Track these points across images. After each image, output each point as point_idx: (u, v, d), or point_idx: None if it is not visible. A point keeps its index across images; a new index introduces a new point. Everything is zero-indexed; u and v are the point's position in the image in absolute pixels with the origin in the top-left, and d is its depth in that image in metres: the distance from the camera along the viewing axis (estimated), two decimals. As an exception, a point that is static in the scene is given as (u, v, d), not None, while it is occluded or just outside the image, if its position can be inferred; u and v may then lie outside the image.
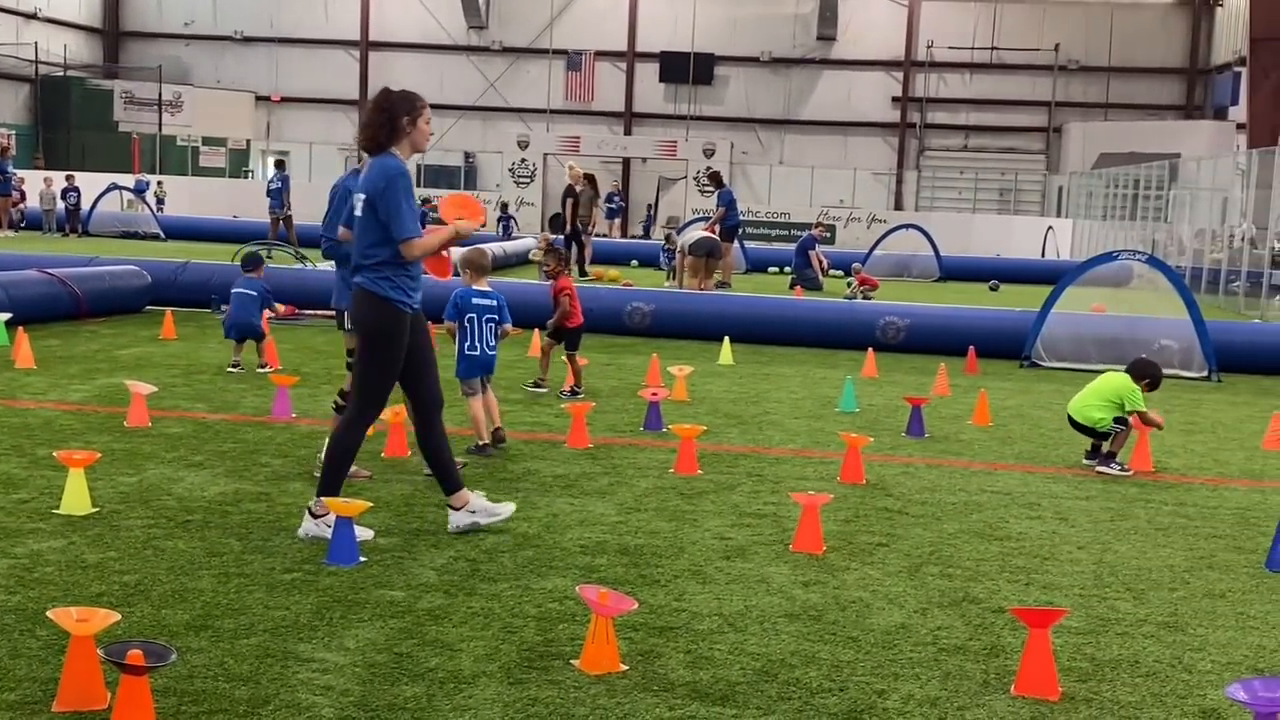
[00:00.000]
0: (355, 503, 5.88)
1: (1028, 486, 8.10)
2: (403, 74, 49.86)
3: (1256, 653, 5.18)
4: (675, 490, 7.50)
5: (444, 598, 5.33)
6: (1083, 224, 38.16)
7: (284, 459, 7.83)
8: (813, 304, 17.11)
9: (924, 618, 5.40)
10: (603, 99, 48.92)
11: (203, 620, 4.94)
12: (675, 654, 4.82)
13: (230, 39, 50.59)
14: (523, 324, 14.89)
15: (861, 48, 47.72)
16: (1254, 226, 26.53)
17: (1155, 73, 47.13)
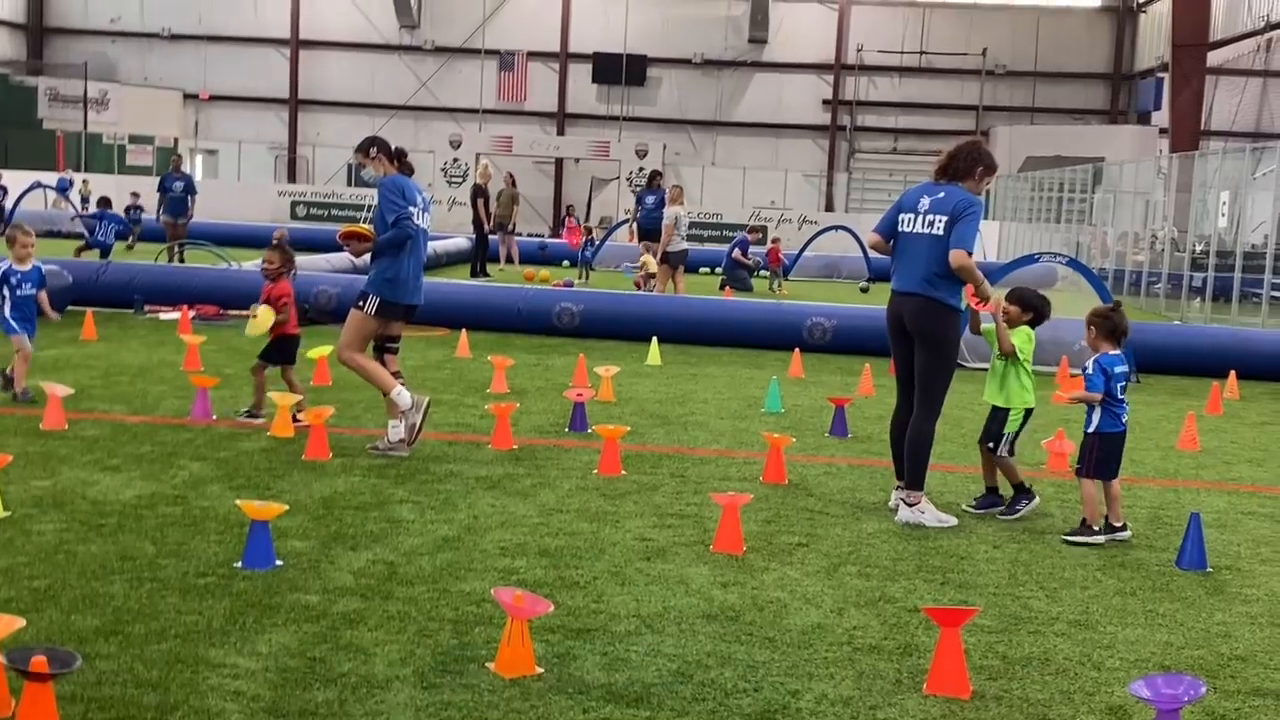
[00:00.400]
0: (271, 505, 5.82)
1: (946, 486, 8.19)
2: (334, 73, 49.56)
3: (1164, 650, 5.28)
4: (598, 491, 7.51)
5: (360, 601, 5.30)
6: (1009, 226, 38.65)
7: (202, 461, 7.74)
8: (741, 304, 17.19)
9: (840, 617, 5.45)
10: (535, 99, 48.83)
11: (113, 625, 4.87)
12: (591, 656, 4.83)
13: (158, 36, 49.90)
14: (450, 324, 14.89)
15: (793, 51, 48.02)
16: (1175, 229, 27.02)
17: (1080, 78, 47.85)
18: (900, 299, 7.28)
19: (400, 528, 6.47)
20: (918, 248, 7.19)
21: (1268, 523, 7.65)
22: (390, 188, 8.34)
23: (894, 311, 7.34)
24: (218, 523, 6.38)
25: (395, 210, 8.26)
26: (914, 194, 7.40)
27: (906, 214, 7.31)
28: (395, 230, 8.24)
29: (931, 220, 7.16)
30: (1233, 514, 7.82)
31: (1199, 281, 24.09)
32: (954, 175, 7.34)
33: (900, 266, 7.30)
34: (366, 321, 8.36)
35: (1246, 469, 9.38)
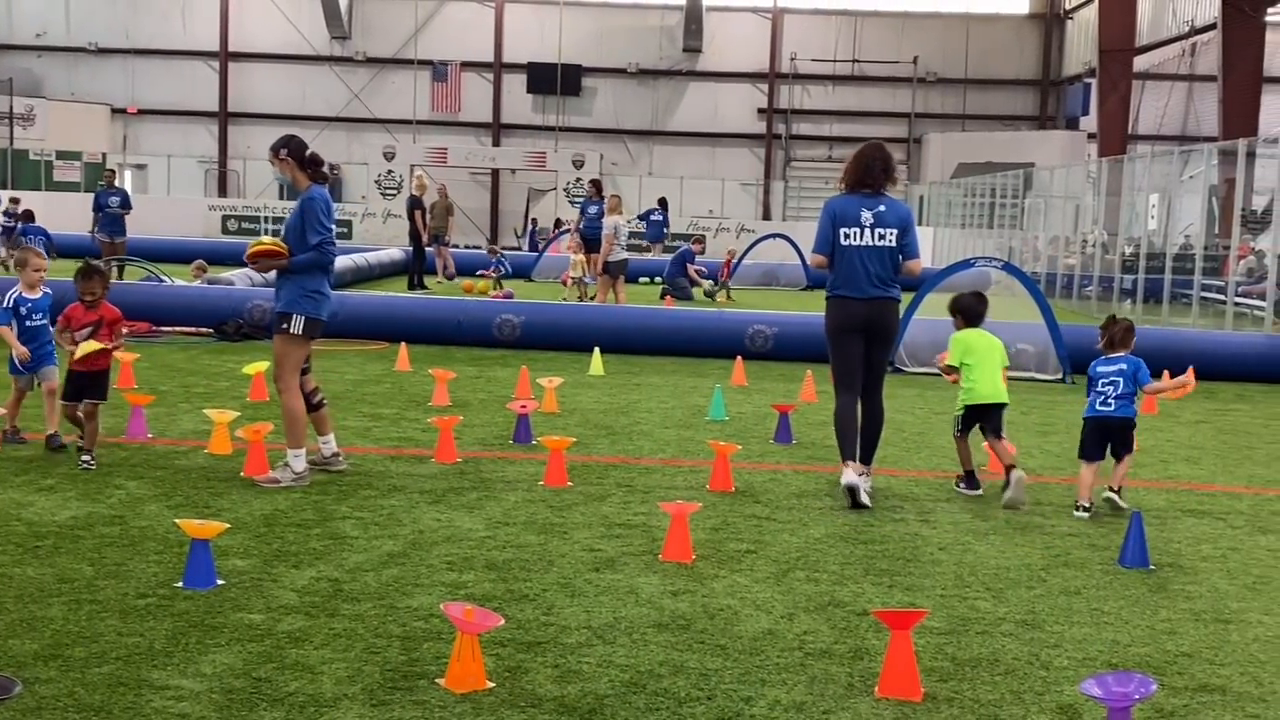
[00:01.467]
0: (212, 524, 5.73)
1: (891, 490, 8.22)
2: (264, 85, 49.10)
3: (1111, 648, 5.32)
4: (544, 503, 7.46)
5: (305, 619, 5.21)
6: (943, 232, 39.02)
7: (139, 480, 7.61)
8: (682, 313, 17.21)
9: (791, 623, 5.44)
10: (470, 110, 48.66)
11: (52, 650, 4.76)
12: (543, 669, 4.78)
13: (84, 50, 49.19)
14: (389, 337, 14.78)
15: (727, 60, 48.24)
16: (1105, 232, 27.40)
17: (1010, 84, 48.45)
18: (865, 304, 7.80)
19: (344, 544, 6.39)
20: (873, 258, 7.77)
21: (1206, 520, 7.75)
22: (321, 205, 7.86)
23: (857, 314, 7.82)
24: (157, 542, 6.26)
25: (321, 233, 7.78)
26: (850, 207, 7.84)
27: (849, 228, 7.78)
28: (318, 254, 7.78)
29: (881, 233, 7.76)
30: (1172, 512, 7.92)
31: (1130, 284, 24.44)
32: (881, 185, 7.89)
33: (857, 276, 7.78)
34: (296, 344, 7.87)
35: (1183, 467, 9.51)
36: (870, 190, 7.86)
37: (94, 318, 8.26)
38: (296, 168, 7.92)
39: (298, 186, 7.97)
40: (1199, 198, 23.82)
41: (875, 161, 7.89)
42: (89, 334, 8.18)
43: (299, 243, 7.83)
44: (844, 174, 8.04)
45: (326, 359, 13.60)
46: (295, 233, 7.85)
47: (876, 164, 7.87)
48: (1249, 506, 8.21)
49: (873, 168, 7.85)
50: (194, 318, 15.37)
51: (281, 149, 7.95)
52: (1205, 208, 23.65)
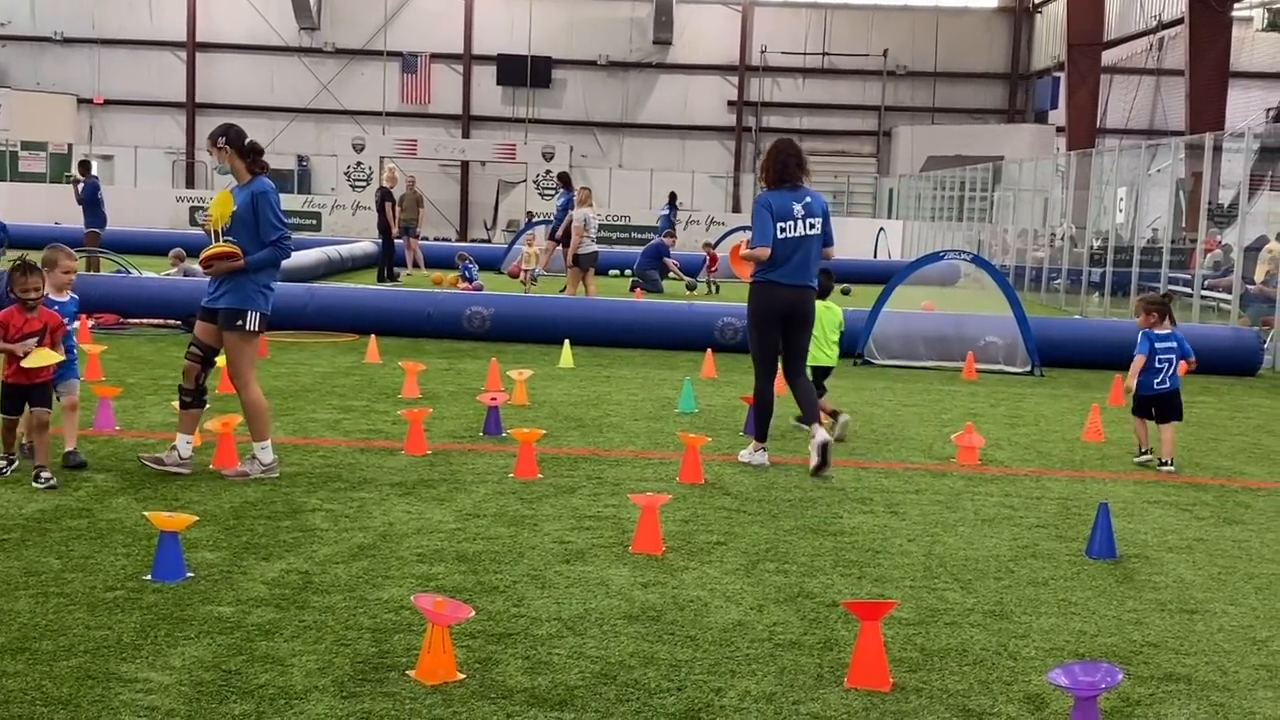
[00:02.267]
0: (181, 516, 5.70)
1: (860, 482, 8.26)
2: (232, 76, 48.77)
3: (1078, 638, 5.36)
4: (515, 495, 7.46)
5: (275, 612, 5.20)
6: (913, 225, 39.17)
7: (107, 473, 7.56)
8: (652, 306, 17.21)
9: (760, 614, 5.46)
10: (439, 101, 48.47)
11: (19, 643, 4.73)
12: (513, 660, 4.79)
13: (49, 40, 48.72)
14: (358, 329, 14.73)
15: (697, 52, 48.22)
16: (1073, 225, 27.55)
17: (979, 78, 48.63)
18: (796, 290, 8.49)
19: (314, 536, 6.37)
20: (807, 248, 8.48)
21: (1173, 511, 7.82)
22: (274, 198, 7.69)
23: (787, 301, 8.49)
24: (125, 535, 6.23)
25: (278, 229, 7.64)
26: (785, 202, 8.49)
27: (785, 221, 8.42)
28: (275, 251, 7.64)
29: (811, 223, 8.48)
30: (1138, 503, 7.99)
31: (1098, 276, 24.59)
32: (799, 178, 8.60)
33: (792, 264, 8.43)
34: (251, 341, 7.70)
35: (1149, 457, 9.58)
36: (791, 185, 8.54)
37: (37, 325, 7.28)
38: (236, 156, 7.68)
39: (239, 177, 7.71)
40: (1166, 191, 23.97)
41: (790, 157, 8.59)
42: (37, 343, 7.22)
43: (251, 238, 7.61)
44: (764, 171, 8.75)
45: (296, 351, 13.55)
46: (248, 227, 7.60)
47: (792, 159, 8.58)
48: (1214, 498, 8.29)
49: (788, 164, 8.56)
50: (162, 309, 15.27)
51: (220, 137, 7.68)
52: (1172, 201, 23.79)
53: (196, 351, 7.72)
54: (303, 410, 10.05)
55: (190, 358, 7.73)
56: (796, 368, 8.72)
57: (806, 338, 8.75)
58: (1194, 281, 19.66)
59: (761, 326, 8.61)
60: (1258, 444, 10.47)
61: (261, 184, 7.69)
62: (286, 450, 8.44)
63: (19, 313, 7.24)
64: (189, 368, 7.71)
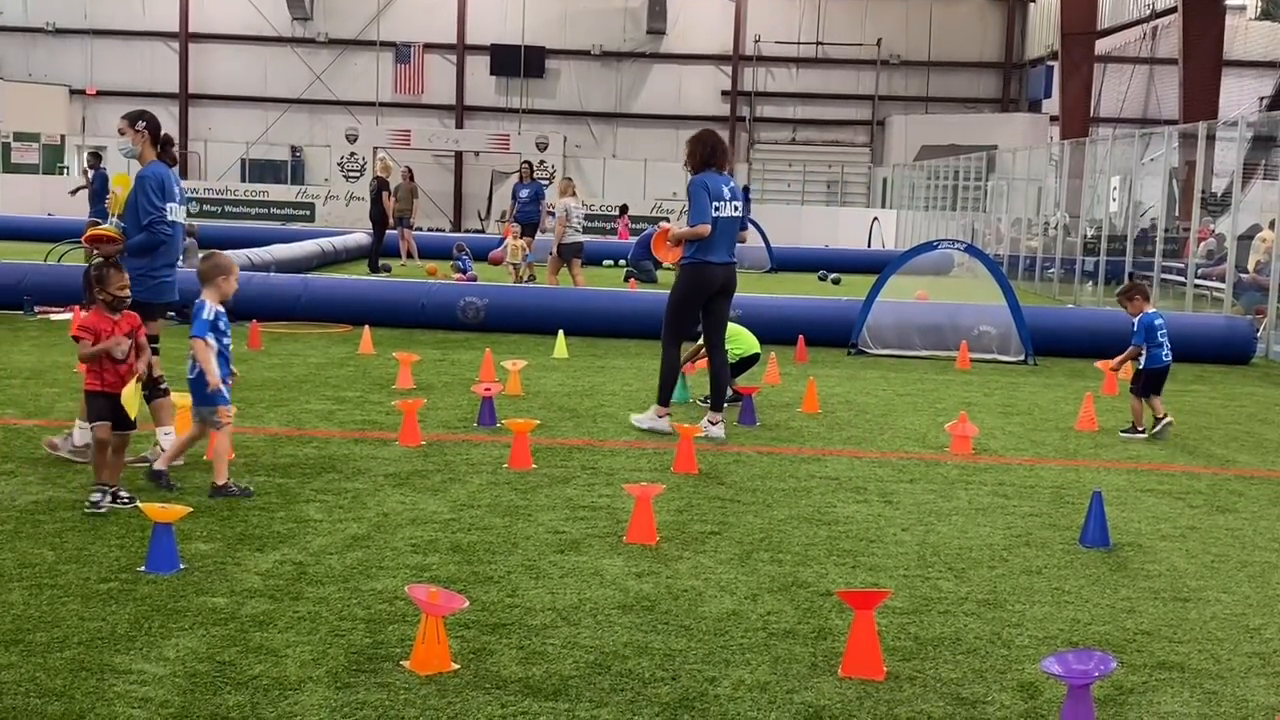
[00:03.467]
0: (174, 508, 5.70)
1: (855, 471, 8.27)
2: (224, 66, 48.67)
3: (1071, 626, 5.37)
4: (509, 485, 7.46)
5: (269, 603, 5.20)
6: (906, 214, 39.18)
7: (101, 465, 7.54)
8: (646, 296, 17.19)
9: (754, 603, 5.47)
10: (433, 92, 48.39)
11: (13, 635, 4.73)
12: (508, 650, 4.79)
13: (42, 31, 48.58)
14: (352, 320, 14.72)
15: (691, 42, 48.16)
16: (1067, 214, 27.56)
17: (973, 67, 48.61)
18: (725, 268, 9.15)
19: (308, 527, 6.37)
20: (732, 227, 9.17)
21: (1166, 499, 7.83)
22: (151, 181, 7.55)
23: (719, 277, 9.13)
24: (119, 526, 6.22)
25: (150, 212, 7.49)
26: (717, 183, 9.07)
27: (719, 201, 9.02)
28: (148, 235, 7.55)
29: (735, 205, 9.16)
30: (1132, 492, 8.00)
31: (1091, 265, 24.61)
32: (725, 165, 9.27)
33: (723, 243, 9.10)
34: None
35: (1144, 447, 9.60)
36: (718, 169, 9.16)
37: (126, 326, 6.70)
38: (149, 143, 7.70)
39: (142, 161, 7.73)
40: (1159, 180, 23.98)
41: (718, 143, 9.24)
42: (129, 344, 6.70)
43: (134, 223, 7.61)
44: (690, 156, 9.23)
45: (290, 342, 13.54)
46: (131, 212, 7.62)
47: (719, 146, 9.23)
48: (1208, 486, 8.30)
49: (716, 149, 9.17)
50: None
51: (139, 120, 7.72)
52: (1166, 190, 23.81)
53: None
54: (296, 401, 10.05)
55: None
56: (719, 337, 9.36)
57: (728, 306, 9.38)
58: (1187, 270, 19.68)
59: (690, 305, 9.24)
60: (1250, 432, 10.49)
61: (145, 169, 7.66)
62: (280, 441, 8.45)
63: (103, 315, 6.67)
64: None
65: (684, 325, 9.41)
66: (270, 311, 14.59)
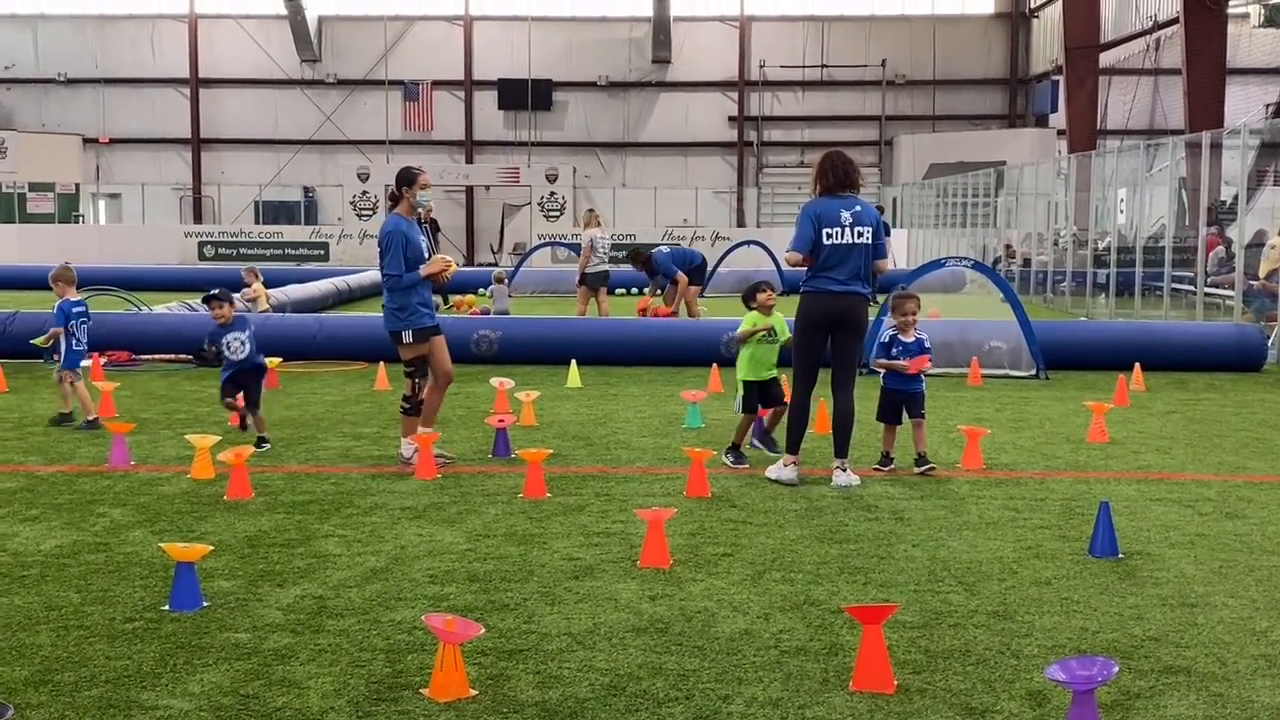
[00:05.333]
0: (196, 547, 5.82)
1: (866, 489, 8.35)
2: (236, 110, 49.12)
3: (1080, 635, 5.45)
4: (524, 514, 7.57)
5: (291, 636, 5.31)
6: (917, 233, 39.24)
7: (123, 507, 7.69)
8: (658, 324, 17.32)
9: (767, 622, 5.56)
10: (442, 128, 48.76)
11: (42, 675, 4.85)
12: (525, 675, 4.89)
13: (54, 81, 49.16)
14: (368, 357, 14.85)
15: (696, 69, 48.46)
16: (1076, 227, 27.61)
17: (978, 84, 48.78)
18: (844, 297, 8.38)
19: (328, 562, 6.49)
20: (856, 256, 8.35)
21: (1175, 508, 7.89)
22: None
23: (834, 308, 8.38)
24: (142, 567, 6.35)
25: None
26: (833, 208, 8.38)
27: (832, 228, 8.32)
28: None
29: (860, 231, 8.34)
30: (1142, 501, 8.06)
31: (1103, 278, 24.65)
32: (854, 186, 8.53)
33: (841, 270, 8.35)
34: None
35: (1154, 457, 9.66)
36: (847, 193, 8.45)
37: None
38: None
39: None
40: (1166, 190, 24.03)
41: (838, 167, 8.49)
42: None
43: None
44: (814, 181, 8.57)
45: (307, 381, 13.69)
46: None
47: (839, 169, 8.48)
48: (1217, 493, 8.36)
49: (836, 173, 8.46)
50: (173, 346, 15.42)
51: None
52: (1174, 200, 23.85)
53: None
54: (314, 439, 10.18)
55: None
56: (842, 378, 8.54)
57: (855, 346, 8.54)
58: (1197, 279, 19.72)
59: (807, 333, 8.49)
60: (1261, 439, 10.53)
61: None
62: (299, 478, 8.57)
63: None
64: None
65: (804, 357, 8.52)
66: (287, 351, 14.74)
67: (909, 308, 9.08)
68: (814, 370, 8.57)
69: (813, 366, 8.54)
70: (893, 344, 9.02)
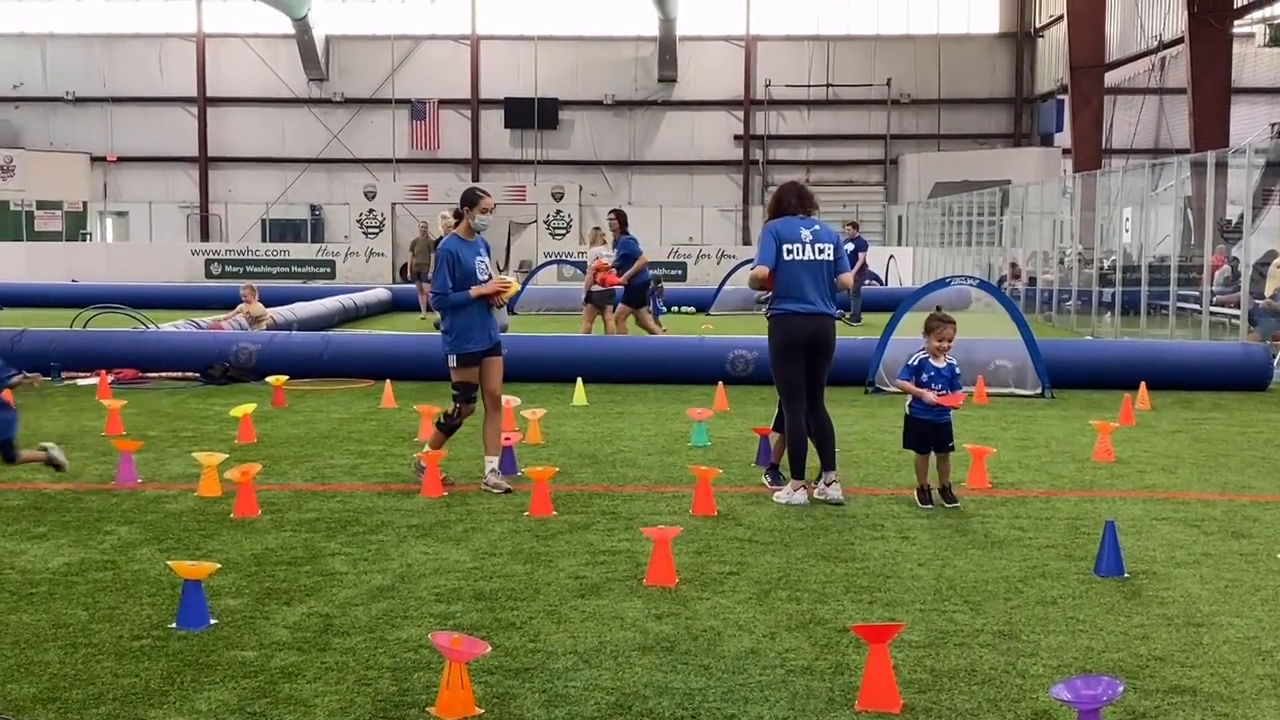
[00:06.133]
0: (203, 565, 5.84)
1: (872, 508, 8.36)
2: (243, 129, 49.30)
3: (1086, 654, 5.45)
4: (530, 533, 7.58)
5: (297, 654, 5.33)
6: (923, 251, 39.27)
7: (130, 525, 7.71)
8: (664, 341, 17.34)
9: (773, 641, 5.57)
10: (449, 147, 48.92)
11: (50, 693, 4.87)
12: (530, 694, 4.90)
13: (62, 100, 49.38)
14: (373, 375, 14.89)
15: (702, 88, 48.60)
16: (1081, 246, 27.63)
17: (983, 103, 48.87)
18: (813, 319, 8.52)
19: (334, 580, 6.50)
20: (816, 272, 8.50)
21: (1181, 527, 7.89)
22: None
23: (804, 329, 8.51)
24: (150, 585, 6.37)
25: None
26: (791, 227, 8.56)
27: (792, 244, 8.48)
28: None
29: (821, 248, 8.51)
30: (1148, 520, 8.06)
31: (1108, 297, 24.65)
32: (799, 210, 8.68)
33: (804, 290, 8.48)
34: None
35: (1159, 476, 9.66)
36: (806, 214, 8.67)
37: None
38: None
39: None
40: (1171, 209, 24.05)
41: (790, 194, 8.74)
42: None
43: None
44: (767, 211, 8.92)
45: (313, 399, 13.72)
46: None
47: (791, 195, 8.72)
48: (1223, 513, 8.36)
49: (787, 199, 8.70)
50: (180, 364, 15.46)
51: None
52: (1179, 220, 23.86)
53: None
54: (321, 456, 10.20)
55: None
56: (815, 400, 8.67)
57: (825, 366, 8.66)
58: (1202, 298, 19.72)
59: (784, 357, 8.58)
60: (1267, 458, 10.53)
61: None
62: (305, 496, 8.59)
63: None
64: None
65: (788, 380, 8.59)
66: (293, 369, 14.78)
67: (948, 334, 8.69)
68: (801, 392, 8.61)
69: (799, 389, 8.60)
70: (922, 368, 8.63)
